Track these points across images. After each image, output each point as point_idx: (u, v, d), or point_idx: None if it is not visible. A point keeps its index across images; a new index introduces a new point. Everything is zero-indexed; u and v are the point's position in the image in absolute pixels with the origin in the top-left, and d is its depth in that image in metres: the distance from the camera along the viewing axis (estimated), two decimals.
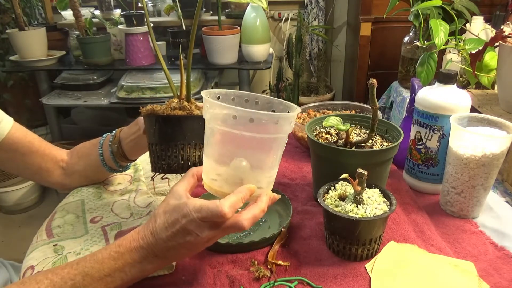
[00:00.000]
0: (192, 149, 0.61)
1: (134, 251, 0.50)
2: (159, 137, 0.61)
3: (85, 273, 0.49)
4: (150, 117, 0.61)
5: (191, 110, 0.61)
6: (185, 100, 0.62)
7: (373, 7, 2.03)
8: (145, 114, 0.62)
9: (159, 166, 0.62)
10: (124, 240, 0.51)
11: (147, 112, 0.61)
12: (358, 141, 0.71)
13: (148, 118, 0.62)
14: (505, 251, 0.63)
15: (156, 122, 0.60)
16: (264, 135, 0.50)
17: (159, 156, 0.61)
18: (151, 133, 0.62)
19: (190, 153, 0.61)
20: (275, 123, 0.49)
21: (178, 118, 0.60)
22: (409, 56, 1.54)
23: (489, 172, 0.67)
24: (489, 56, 1.09)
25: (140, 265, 0.51)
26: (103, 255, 0.50)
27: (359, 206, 0.60)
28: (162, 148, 0.61)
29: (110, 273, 0.50)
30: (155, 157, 0.62)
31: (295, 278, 0.58)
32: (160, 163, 0.61)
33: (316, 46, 2.58)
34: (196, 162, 0.62)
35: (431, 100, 0.73)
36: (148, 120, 0.62)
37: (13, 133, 0.71)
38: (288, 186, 0.83)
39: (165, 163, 0.61)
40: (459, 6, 1.24)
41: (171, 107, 0.61)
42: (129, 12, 1.89)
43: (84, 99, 1.98)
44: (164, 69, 0.65)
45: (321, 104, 1.05)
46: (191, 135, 0.61)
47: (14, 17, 2.09)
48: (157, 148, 0.61)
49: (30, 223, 2.09)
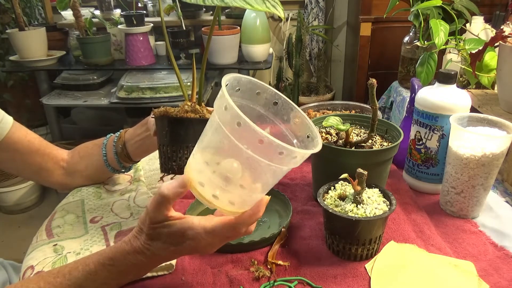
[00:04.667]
0: None
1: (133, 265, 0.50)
2: (171, 139, 0.61)
3: (78, 285, 0.49)
4: (162, 118, 0.62)
5: (203, 114, 0.62)
6: (196, 104, 0.63)
7: (373, 7, 2.03)
8: (158, 115, 0.62)
9: (169, 167, 0.63)
10: (118, 254, 0.50)
11: (160, 113, 0.62)
12: (358, 141, 0.71)
13: (161, 120, 0.62)
14: (505, 251, 0.63)
15: (169, 124, 0.61)
16: (278, 166, 0.45)
17: (169, 157, 0.62)
18: (163, 134, 0.62)
19: None
20: (293, 157, 0.44)
21: (191, 121, 0.61)
22: (409, 56, 1.54)
23: (489, 172, 0.67)
24: (489, 56, 1.09)
25: (138, 272, 0.52)
26: (96, 267, 0.49)
27: (359, 206, 0.60)
28: (173, 149, 0.61)
29: (106, 281, 0.50)
30: (166, 158, 0.63)
31: (295, 278, 0.58)
32: (170, 164, 0.62)
33: (316, 46, 2.58)
34: None
35: (431, 100, 0.73)
36: (161, 122, 0.63)
37: (13, 132, 0.71)
38: (288, 186, 0.83)
39: (176, 164, 0.62)
40: (459, 6, 1.24)
41: (184, 110, 0.62)
42: (129, 12, 1.89)
43: (84, 99, 1.98)
44: (178, 75, 0.66)
45: (321, 104, 1.05)
46: None
47: (14, 17, 2.09)
48: (168, 150, 0.62)
49: (30, 223, 2.09)
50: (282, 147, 0.41)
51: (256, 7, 0.49)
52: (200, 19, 2.23)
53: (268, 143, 0.41)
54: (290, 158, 0.43)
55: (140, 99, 1.89)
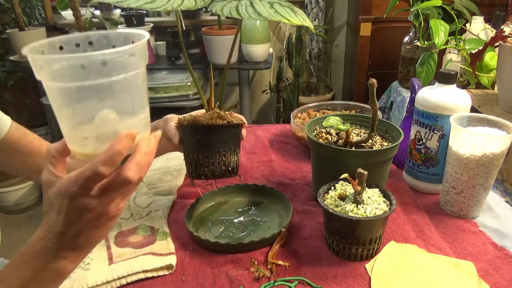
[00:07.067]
0: (232, 154, 0.65)
1: (40, 253, 0.47)
2: (202, 146, 0.63)
3: None
4: (191, 127, 0.63)
5: (231, 119, 0.64)
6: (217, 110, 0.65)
7: (373, 7, 2.03)
8: (187, 124, 0.63)
9: (202, 173, 0.64)
10: (26, 247, 0.47)
11: (188, 122, 0.63)
12: (358, 141, 0.71)
13: (189, 129, 0.63)
14: (505, 251, 0.63)
15: (199, 131, 0.63)
16: (125, 75, 0.43)
17: (201, 163, 0.64)
18: (192, 142, 0.63)
19: (230, 159, 0.64)
20: (131, 56, 0.42)
21: (221, 127, 0.63)
22: (409, 56, 1.54)
23: (489, 172, 0.67)
24: (489, 56, 1.08)
25: (54, 265, 0.47)
26: (9, 271, 0.46)
27: (359, 206, 0.60)
28: (205, 156, 0.63)
29: (23, 284, 0.46)
30: (197, 165, 0.64)
31: (295, 278, 0.58)
32: (202, 170, 0.64)
33: (316, 46, 2.58)
34: (234, 166, 0.65)
35: (431, 100, 0.73)
36: (189, 130, 0.64)
37: (12, 133, 0.71)
38: (288, 186, 0.83)
39: (208, 169, 0.64)
40: (459, 6, 1.24)
41: (213, 117, 0.63)
42: (129, 12, 1.89)
43: None
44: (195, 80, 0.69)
45: (321, 104, 1.05)
46: (231, 142, 0.64)
47: (14, 17, 2.09)
48: (200, 156, 0.63)
49: (30, 223, 2.09)
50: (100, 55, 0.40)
51: (292, 21, 0.50)
52: (200, 19, 2.23)
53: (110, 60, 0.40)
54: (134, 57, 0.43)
55: None
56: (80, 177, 0.43)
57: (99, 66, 0.40)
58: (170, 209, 0.76)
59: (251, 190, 0.79)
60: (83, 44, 0.48)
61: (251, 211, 0.74)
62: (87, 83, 0.41)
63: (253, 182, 0.83)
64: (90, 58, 0.40)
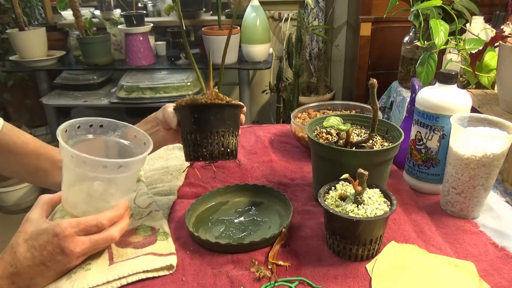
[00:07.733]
0: (230, 136, 0.64)
1: None
2: (201, 126, 0.63)
3: None
4: (190, 107, 0.63)
5: (229, 100, 0.64)
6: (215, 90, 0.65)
7: (373, 7, 2.03)
8: (185, 105, 0.64)
9: (200, 154, 0.64)
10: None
11: (186, 102, 0.64)
12: (358, 141, 0.71)
13: (188, 108, 0.64)
14: (506, 251, 0.63)
15: (197, 111, 0.63)
16: (130, 173, 0.59)
17: (200, 144, 0.63)
18: (191, 122, 0.63)
19: (229, 140, 0.64)
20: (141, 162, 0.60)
21: (219, 106, 0.63)
22: (409, 56, 1.54)
23: (490, 172, 0.67)
24: (489, 56, 1.08)
25: None
26: None
27: (359, 206, 0.60)
28: (204, 136, 0.63)
29: None
30: (195, 146, 0.64)
31: (296, 279, 0.58)
32: (201, 151, 0.64)
33: (316, 46, 2.58)
34: (233, 149, 0.65)
35: (431, 100, 0.73)
36: (188, 110, 0.64)
37: (5, 133, 0.70)
38: (288, 186, 0.83)
39: (206, 150, 0.63)
40: (459, 6, 1.24)
41: (211, 97, 0.64)
42: (129, 12, 1.89)
43: (84, 99, 1.98)
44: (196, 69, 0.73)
45: (321, 104, 1.05)
46: (230, 123, 0.64)
47: (14, 17, 2.09)
48: (198, 137, 0.63)
49: None
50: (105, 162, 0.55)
51: None
52: (200, 19, 2.23)
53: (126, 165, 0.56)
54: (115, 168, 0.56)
55: (140, 99, 1.89)
56: (83, 222, 0.54)
57: (116, 168, 0.56)
58: (171, 209, 0.76)
59: (251, 190, 0.79)
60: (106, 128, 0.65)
61: (251, 211, 0.74)
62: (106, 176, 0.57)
63: (254, 182, 0.83)
64: (109, 162, 0.55)
